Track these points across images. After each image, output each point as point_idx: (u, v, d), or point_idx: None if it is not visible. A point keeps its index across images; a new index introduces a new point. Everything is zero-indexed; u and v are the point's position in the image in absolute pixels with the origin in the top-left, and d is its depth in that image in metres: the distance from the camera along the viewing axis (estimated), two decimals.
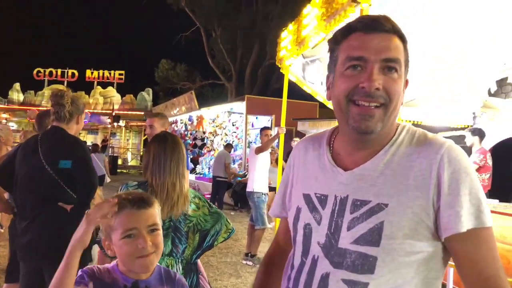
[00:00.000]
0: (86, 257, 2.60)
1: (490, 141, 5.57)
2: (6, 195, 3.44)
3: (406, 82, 1.06)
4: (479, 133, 4.83)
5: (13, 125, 24.18)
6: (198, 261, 2.71)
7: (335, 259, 1.01)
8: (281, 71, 5.33)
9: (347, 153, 1.09)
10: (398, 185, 0.99)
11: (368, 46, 1.00)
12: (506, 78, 5.19)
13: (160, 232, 1.37)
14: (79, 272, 1.29)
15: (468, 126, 6.26)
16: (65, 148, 2.56)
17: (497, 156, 5.40)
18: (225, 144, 13.16)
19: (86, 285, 1.28)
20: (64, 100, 2.61)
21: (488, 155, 5.17)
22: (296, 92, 5.45)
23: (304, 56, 5.16)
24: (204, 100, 20.54)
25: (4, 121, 24.30)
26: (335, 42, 1.08)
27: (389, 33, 1.01)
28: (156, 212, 1.38)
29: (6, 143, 4.79)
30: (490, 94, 5.03)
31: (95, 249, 3.12)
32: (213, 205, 2.35)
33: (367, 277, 0.97)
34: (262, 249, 6.22)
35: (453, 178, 0.96)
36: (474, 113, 6.14)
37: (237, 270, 5.56)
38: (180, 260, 2.18)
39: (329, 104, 6.48)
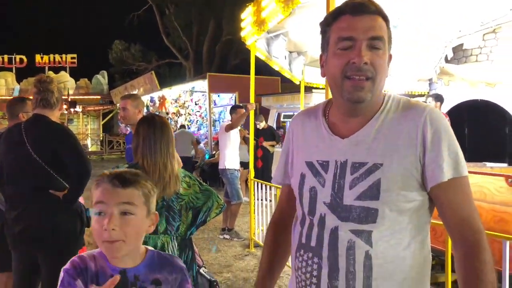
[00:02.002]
0: (79, 243, 2.65)
1: (445, 106, 5.91)
2: None
3: (390, 57, 1.21)
4: (440, 98, 5.14)
5: None
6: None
7: (342, 214, 1.16)
8: (246, 47, 5.36)
9: (342, 123, 1.24)
10: (390, 146, 1.15)
11: (356, 26, 1.14)
12: (461, 45, 5.49)
13: (136, 219, 1.20)
14: (62, 274, 1.17)
15: (425, 93, 6.58)
16: (53, 136, 2.54)
17: (451, 120, 5.76)
18: (178, 126, 13.11)
19: (75, 286, 1.15)
20: (53, 86, 2.58)
21: (447, 118, 5.50)
22: (257, 67, 5.51)
23: (268, 31, 5.22)
24: (163, 80, 20.18)
25: None
26: (326, 24, 1.22)
27: (374, 14, 1.15)
28: (136, 194, 1.21)
29: None
30: (446, 61, 5.32)
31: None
32: (204, 183, 2.43)
33: (370, 226, 1.13)
34: (237, 223, 6.39)
35: (435, 136, 1.14)
36: (430, 80, 6.45)
37: (216, 245, 5.71)
38: (175, 237, 2.27)
39: (293, 78, 6.62)
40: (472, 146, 5.50)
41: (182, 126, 12.27)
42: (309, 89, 8.07)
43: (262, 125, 8.94)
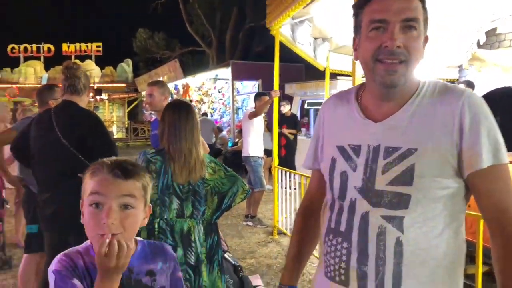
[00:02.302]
0: None
1: (477, 93, 5.73)
2: (15, 169, 3.49)
3: (426, 38, 1.16)
4: (471, 85, 4.97)
5: None
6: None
7: (373, 199, 1.14)
8: (271, 33, 5.30)
9: (375, 107, 1.21)
10: (425, 131, 1.11)
11: (389, 8, 1.10)
12: (494, 29, 5.28)
13: (136, 212, 1.13)
14: (53, 276, 1.08)
15: (455, 80, 6.39)
16: (81, 121, 2.58)
17: None
18: (201, 114, 13.19)
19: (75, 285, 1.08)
20: (79, 72, 2.61)
21: None
22: (280, 54, 5.44)
23: (293, 17, 5.14)
24: (186, 68, 20.29)
25: None
26: (359, 7, 1.19)
27: None
28: (138, 186, 1.14)
29: (2, 120, 4.77)
30: (478, 46, 5.13)
31: None
32: (229, 169, 2.43)
33: (402, 212, 1.10)
34: (260, 211, 6.41)
35: (473, 121, 1.09)
36: (460, 66, 6.26)
37: (239, 231, 5.74)
38: (201, 222, 2.29)
39: (318, 65, 6.53)
40: (505, 135, 5.30)
41: (204, 114, 12.33)
42: (334, 76, 7.96)
43: (286, 108, 8.85)
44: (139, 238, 1.24)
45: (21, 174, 3.26)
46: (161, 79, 17.23)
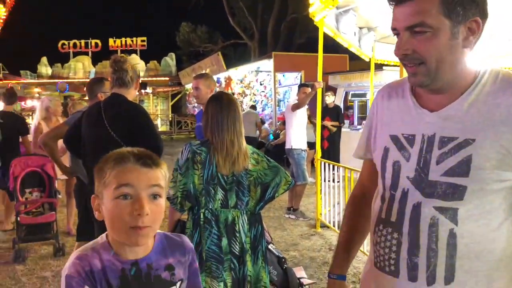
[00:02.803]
0: None
1: None
2: (67, 160, 3.65)
3: (474, 23, 1.07)
4: None
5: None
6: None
7: (426, 190, 1.10)
8: (315, 23, 5.22)
9: (430, 97, 1.17)
10: (485, 121, 1.06)
11: (396, 17, 1.11)
12: None
13: (163, 203, 1.11)
14: (65, 281, 1.05)
15: None
16: (129, 114, 2.64)
17: None
18: (249, 105, 13.22)
19: None
20: (127, 65, 2.68)
21: None
22: (323, 45, 5.35)
23: (337, 7, 5.04)
24: (228, 61, 20.44)
25: (36, 95, 24.90)
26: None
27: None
28: (162, 175, 1.11)
29: (55, 114, 5.01)
30: None
31: None
32: (272, 160, 2.43)
33: (457, 203, 1.07)
34: (302, 203, 6.38)
35: None
36: None
37: (281, 224, 5.74)
38: (244, 212, 2.31)
39: (362, 55, 6.39)
40: None
41: (253, 107, 12.27)
42: (379, 66, 7.76)
43: (330, 99, 8.71)
44: (158, 231, 1.18)
45: (72, 165, 3.41)
46: (207, 72, 17.48)
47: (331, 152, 8.42)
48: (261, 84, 14.56)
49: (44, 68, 27.88)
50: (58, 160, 3.41)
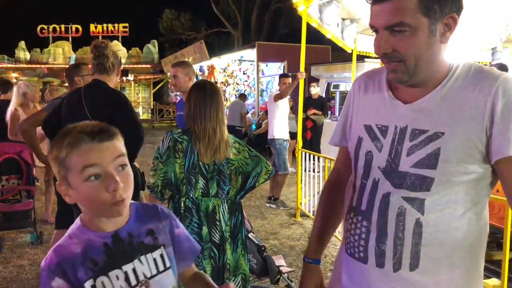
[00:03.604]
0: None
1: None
2: (45, 147, 3.59)
3: (453, 18, 1.09)
4: (505, 69, 4.80)
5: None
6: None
7: (395, 181, 1.14)
8: (298, 13, 5.22)
9: (405, 90, 1.19)
10: (454, 115, 1.09)
11: (375, 15, 1.12)
12: None
13: (130, 169, 1.10)
14: (45, 274, 1.05)
15: (487, 62, 6.17)
16: (109, 100, 2.61)
17: None
18: (238, 94, 13.18)
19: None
20: (108, 50, 2.63)
21: None
22: (307, 36, 5.36)
23: None
24: (211, 49, 20.27)
25: (14, 80, 24.30)
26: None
27: None
28: (120, 143, 1.09)
29: (32, 100, 4.90)
30: None
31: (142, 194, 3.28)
32: (253, 150, 2.44)
33: (423, 194, 1.11)
34: (283, 193, 6.43)
35: (506, 108, 1.06)
36: (493, 49, 6.04)
37: (262, 213, 5.79)
38: (225, 201, 2.32)
39: (345, 46, 6.42)
40: None
41: (242, 96, 12.17)
42: (361, 58, 7.80)
43: (315, 90, 8.75)
44: (131, 201, 1.18)
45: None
46: (186, 60, 17.31)
47: (314, 142, 8.49)
48: (244, 74, 14.50)
49: (22, 52, 27.20)
50: (37, 147, 3.35)
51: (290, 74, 6.35)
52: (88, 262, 1.07)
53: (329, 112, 10.18)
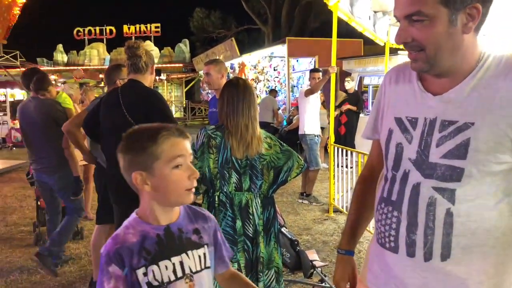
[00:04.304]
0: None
1: None
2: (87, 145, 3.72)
3: (474, 9, 1.06)
4: None
5: (60, 86, 25.00)
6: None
7: (426, 171, 1.15)
8: (329, 8, 5.18)
9: (434, 81, 1.20)
10: (484, 105, 1.09)
11: (396, 5, 1.14)
12: None
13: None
14: (104, 260, 1.18)
15: None
16: (145, 100, 2.68)
17: None
18: (268, 90, 13.21)
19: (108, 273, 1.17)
20: (140, 51, 2.70)
21: None
22: (337, 30, 5.31)
23: None
24: (242, 46, 20.34)
25: (53, 82, 25.16)
26: None
27: None
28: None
29: (75, 101, 5.09)
30: None
31: None
32: (284, 144, 2.46)
33: (454, 184, 1.11)
34: (316, 188, 6.41)
35: None
36: None
37: (295, 208, 5.80)
38: (258, 195, 2.36)
39: (377, 40, 6.32)
40: None
41: (273, 91, 12.25)
42: (394, 51, 7.65)
43: (350, 85, 8.64)
44: None
45: (92, 150, 3.48)
46: (218, 58, 17.43)
47: (348, 138, 8.40)
48: (274, 70, 14.50)
49: (60, 55, 28.19)
50: (82, 146, 3.46)
51: (321, 69, 6.31)
52: (143, 251, 1.20)
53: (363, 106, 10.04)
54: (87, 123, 2.98)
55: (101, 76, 22.84)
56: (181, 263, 1.24)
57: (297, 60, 13.32)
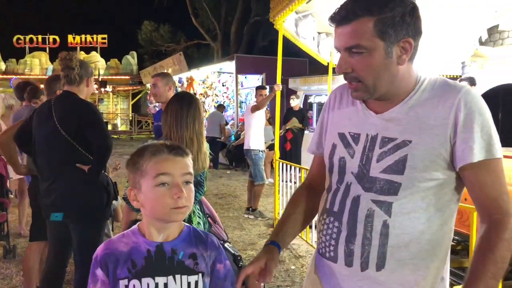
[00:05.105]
0: (105, 214, 2.76)
1: (479, 90, 5.73)
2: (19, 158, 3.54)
3: (407, 42, 1.16)
4: (473, 82, 4.99)
5: None
6: (214, 212, 2.90)
7: (366, 184, 1.22)
8: (275, 27, 5.32)
9: (376, 101, 1.27)
10: (421, 124, 1.18)
11: (337, 37, 1.20)
12: (496, 26, 5.29)
13: (192, 186, 1.24)
14: (93, 262, 1.21)
15: (457, 76, 6.39)
16: (78, 112, 2.63)
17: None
18: (216, 105, 13.25)
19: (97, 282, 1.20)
20: (73, 63, 2.64)
21: None
22: (285, 49, 5.48)
23: (297, 11, 5.16)
24: (191, 61, 20.29)
25: None
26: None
27: (348, 22, 1.16)
28: (190, 163, 1.24)
29: (14, 111, 4.84)
30: (480, 43, 5.14)
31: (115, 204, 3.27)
32: None
33: (391, 198, 1.18)
34: (261, 203, 6.47)
35: (467, 118, 1.14)
36: (463, 63, 6.26)
37: (240, 223, 5.80)
38: (197, 202, 2.41)
39: (321, 60, 6.55)
40: (507, 131, 5.33)
41: (220, 106, 12.35)
42: None
43: (295, 102, 8.85)
44: (186, 224, 1.30)
45: (29, 162, 3.32)
46: (165, 71, 17.24)
47: (293, 154, 8.57)
48: (223, 85, 14.55)
49: None
50: (15, 160, 3.29)
51: (267, 86, 6.45)
52: (129, 262, 1.19)
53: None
54: (19, 134, 2.86)
55: (42, 86, 21.78)
56: (166, 285, 1.19)
57: (245, 77, 13.47)
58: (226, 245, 3.02)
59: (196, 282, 1.22)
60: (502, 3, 4.64)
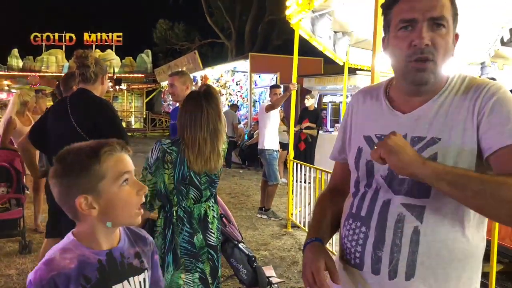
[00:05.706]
0: None
1: None
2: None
3: (456, 36, 1.17)
4: None
5: (15, 92, 24.00)
6: (229, 212, 2.88)
7: (396, 187, 1.17)
8: (290, 26, 5.28)
9: (403, 101, 1.24)
10: (450, 122, 1.14)
11: (416, 7, 1.13)
12: None
13: None
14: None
15: (478, 77, 6.27)
16: (94, 110, 2.62)
17: None
18: (230, 104, 13.25)
19: None
20: (89, 61, 2.64)
21: None
22: (299, 48, 5.43)
23: (313, 10, 5.11)
24: (205, 59, 20.34)
25: (6, 88, 24.16)
26: (387, 7, 1.22)
27: None
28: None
29: (30, 109, 4.89)
30: (502, 43, 5.03)
31: None
32: None
33: (423, 201, 1.13)
34: (274, 203, 6.43)
35: (496, 104, 1.10)
36: (483, 64, 6.14)
37: (253, 223, 5.78)
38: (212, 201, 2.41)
39: (337, 59, 6.50)
40: None
41: (234, 106, 12.35)
42: (353, 70, 7.89)
43: (310, 102, 8.79)
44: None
45: (45, 161, 3.33)
46: (182, 70, 17.28)
47: (308, 154, 8.51)
48: (237, 84, 14.56)
49: (15, 60, 27.08)
50: (34, 164, 3.27)
51: (281, 85, 6.40)
52: (81, 278, 1.09)
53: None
54: (34, 132, 2.86)
55: (57, 83, 22.06)
56: None
57: (259, 76, 13.45)
58: (240, 245, 3.02)
59: (144, 280, 1.23)
60: None
